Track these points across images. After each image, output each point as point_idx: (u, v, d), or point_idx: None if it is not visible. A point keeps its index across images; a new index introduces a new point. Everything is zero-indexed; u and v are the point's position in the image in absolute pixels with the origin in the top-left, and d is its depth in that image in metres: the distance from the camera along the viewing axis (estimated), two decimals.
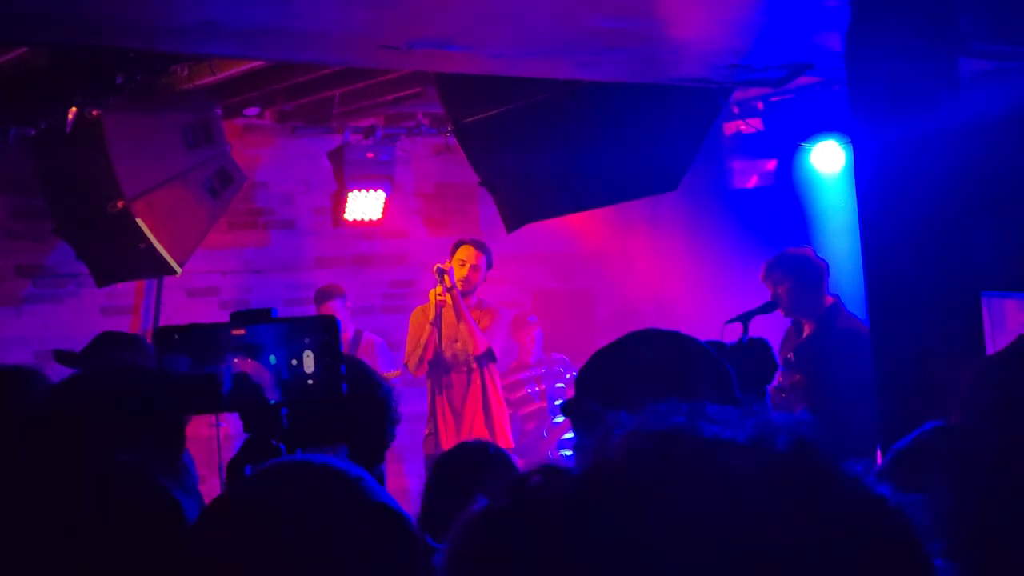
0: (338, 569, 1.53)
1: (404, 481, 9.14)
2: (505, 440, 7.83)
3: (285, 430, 2.34)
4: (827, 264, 7.08)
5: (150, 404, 2.39)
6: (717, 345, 2.24)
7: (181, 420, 2.57)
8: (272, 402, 2.34)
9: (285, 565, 1.53)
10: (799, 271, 6.91)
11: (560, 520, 0.86)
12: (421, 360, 7.85)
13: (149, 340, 5.49)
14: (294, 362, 2.35)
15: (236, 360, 2.32)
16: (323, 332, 2.38)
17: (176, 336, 2.36)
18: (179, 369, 2.32)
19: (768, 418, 0.92)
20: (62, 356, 5.42)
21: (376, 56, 4.99)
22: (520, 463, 4.22)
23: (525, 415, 9.06)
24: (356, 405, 2.84)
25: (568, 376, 9.09)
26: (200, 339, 2.36)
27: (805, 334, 6.93)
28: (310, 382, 2.35)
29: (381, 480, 3.13)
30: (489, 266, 7.93)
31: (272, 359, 2.34)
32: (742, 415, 0.92)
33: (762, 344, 2.20)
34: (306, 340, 2.35)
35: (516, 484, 0.91)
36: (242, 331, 2.34)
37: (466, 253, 7.85)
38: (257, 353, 2.33)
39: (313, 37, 4.62)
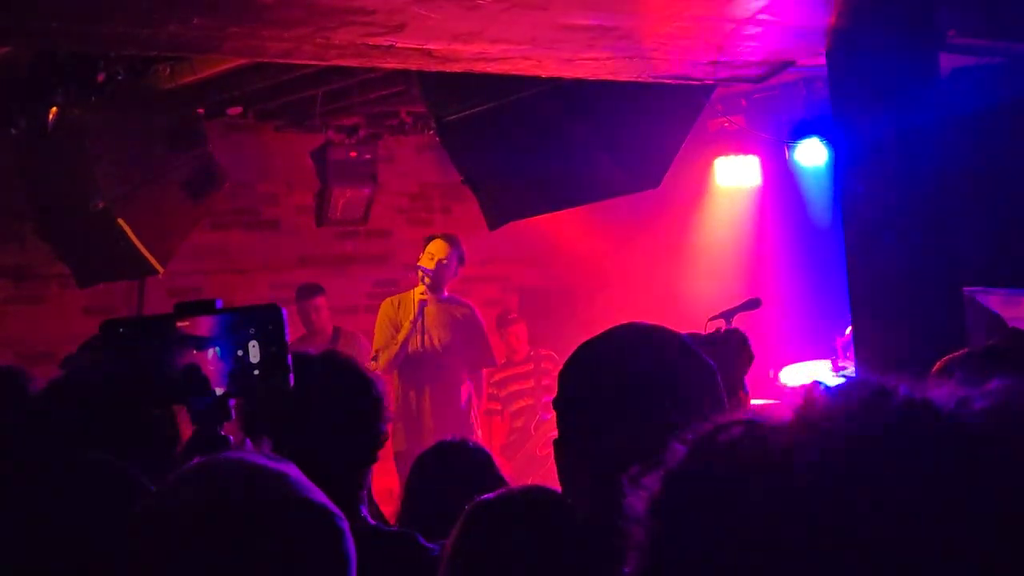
0: (262, 565, 1.52)
1: (389, 480, 9.12)
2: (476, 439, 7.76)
3: (232, 421, 2.32)
4: None
5: (117, 401, 2.37)
6: (693, 336, 2.23)
7: (168, 416, 2.54)
8: (219, 393, 2.32)
9: (207, 565, 1.51)
10: None
11: (769, 468, 0.86)
12: (396, 358, 7.72)
13: None
14: (239, 353, 2.32)
15: (182, 351, 2.30)
16: (268, 322, 2.35)
17: (121, 329, 2.33)
18: (125, 362, 2.30)
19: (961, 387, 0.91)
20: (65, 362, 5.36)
21: (357, 55, 4.97)
22: (499, 462, 4.19)
23: (514, 412, 9.05)
24: (350, 403, 2.84)
25: (556, 372, 9.06)
26: (145, 331, 2.33)
27: None
28: (256, 372, 2.32)
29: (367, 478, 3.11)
30: (460, 262, 7.80)
31: (217, 350, 2.32)
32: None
33: (738, 335, 2.19)
34: (251, 330, 2.33)
35: (710, 434, 0.91)
36: (186, 322, 2.32)
37: (435, 247, 7.74)
38: (202, 344, 2.31)
39: (292, 37, 4.60)
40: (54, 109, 6.84)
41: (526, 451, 8.84)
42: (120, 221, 7.05)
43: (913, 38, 5.05)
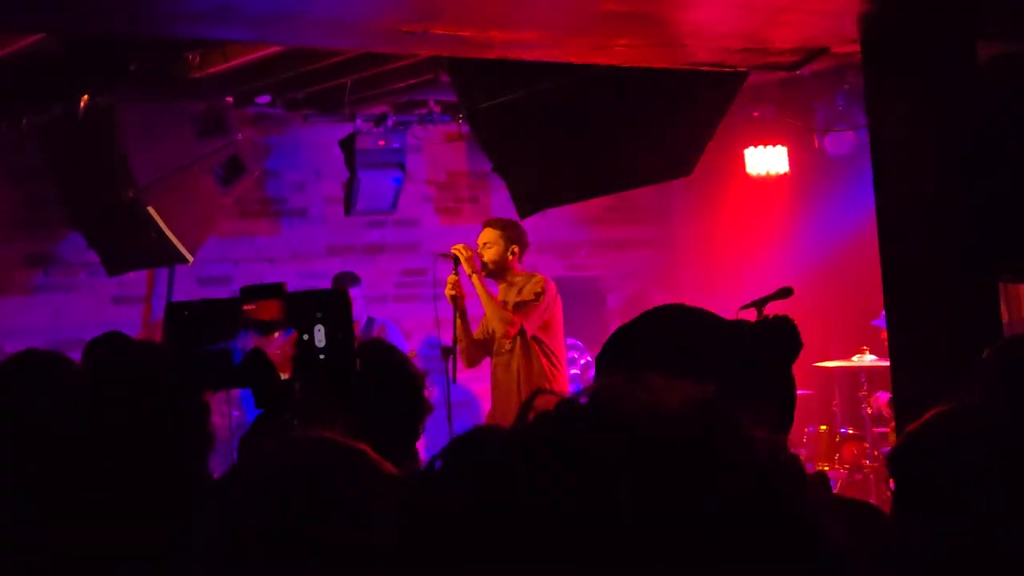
0: (342, 536, 1.53)
1: None
2: None
3: (297, 405, 2.31)
4: None
5: (167, 382, 2.36)
6: (739, 323, 2.18)
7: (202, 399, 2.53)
8: (284, 377, 2.31)
9: (300, 538, 1.52)
10: None
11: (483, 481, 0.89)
12: (464, 352, 7.45)
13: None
14: (305, 337, 2.31)
15: (247, 335, 2.28)
16: (334, 307, 2.34)
17: (186, 312, 2.32)
18: (190, 345, 2.29)
19: (697, 393, 0.93)
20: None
21: (392, 41, 4.96)
22: None
23: None
24: (391, 398, 2.83)
25: (582, 361, 9.06)
26: (211, 315, 2.32)
27: None
28: (322, 356, 2.31)
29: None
30: (511, 241, 7.38)
31: (283, 334, 2.30)
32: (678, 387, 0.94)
33: (787, 321, 2.14)
34: (317, 315, 2.31)
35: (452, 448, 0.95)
36: (253, 306, 2.30)
37: (481, 235, 7.45)
38: (268, 328, 2.29)
39: (329, 22, 4.60)
40: (85, 97, 6.86)
41: None
42: (150, 209, 7.07)
43: (950, 25, 5.00)
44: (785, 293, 6.76)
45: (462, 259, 7.22)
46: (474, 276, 7.21)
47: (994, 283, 5.10)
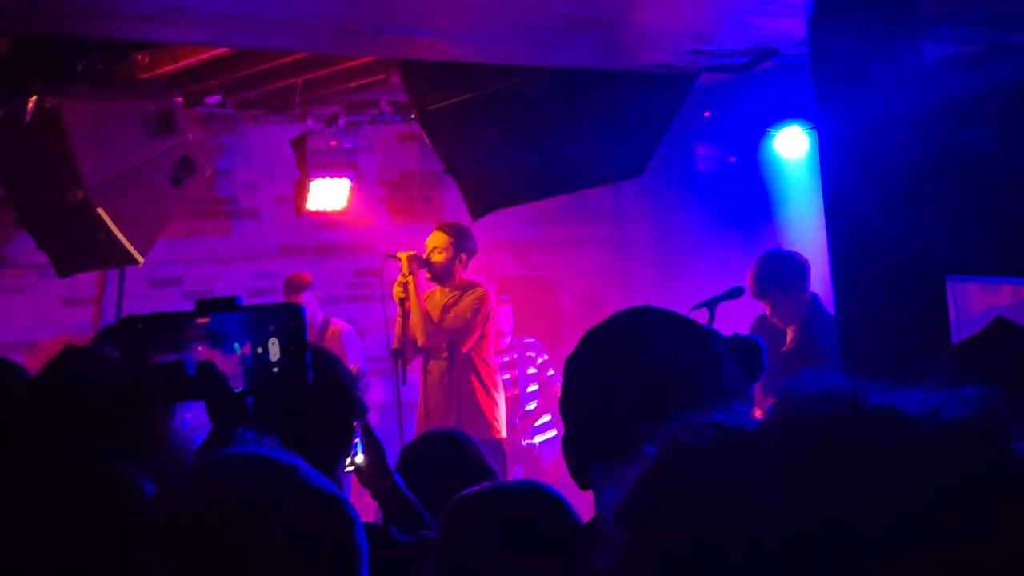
0: (280, 557, 1.52)
1: None
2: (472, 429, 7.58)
3: (251, 418, 2.32)
4: (806, 261, 7.06)
5: (117, 393, 2.36)
6: (713, 334, 2.14)
7: (150, 409, 2.53)
8: (237, 390, 2.32)
9: (224, 559, 1.51)
10: (788, 285, 6.87)
11: (735, 475, 0.83)
12: (408, 351, 7.64)
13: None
14: (259, 350, 2.32)
15: (200, 348, 2.29)
16: (288, 320, 2.36)
17: (140, 325, 2.32)
18: (142, 358, 2.29)
19: (939, 393, 0.88)
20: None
21: (341, 42, 4.95)
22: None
23: None
24: (318, 399, 2.83)
25: (540, 361, 9.06)
26: (164, 328, 2.33)
27: (791, 337, 6.90)
28: (275, 370, 2.32)
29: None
30: (459, 249, 7.61)
31: (237, 347, 2.32)
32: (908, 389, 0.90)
33: (754, 345, 2.11)
34: (271, 328, 2.33)
35: (679, 438, 0.88)
36: (207, 319, 2.31)
37: (431, 238, 7.65)
38: (222, 341, 2.31)
39: (277, 23, 4.58)
40: (32, 98, 6.79)
41: (510, 442, 8.81)
42: (100, 211, 7.01)
43: (896, 26, 5.04)
44: (736, 293, 6.81)
45: (403, 261, 7.36)
46: (410, 280, 7.35)
47: (942, 280, 5.15)
